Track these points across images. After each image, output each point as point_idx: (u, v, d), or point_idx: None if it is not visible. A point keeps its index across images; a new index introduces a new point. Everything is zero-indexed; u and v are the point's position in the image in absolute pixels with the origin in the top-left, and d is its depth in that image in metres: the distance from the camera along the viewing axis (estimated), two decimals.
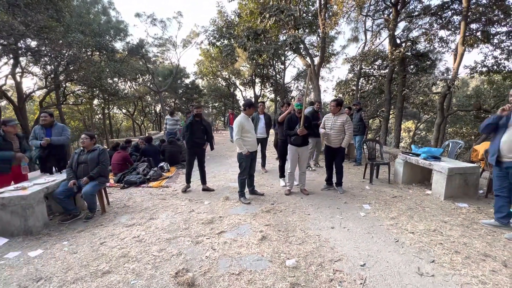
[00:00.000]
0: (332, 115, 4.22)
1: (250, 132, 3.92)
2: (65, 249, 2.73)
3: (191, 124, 4.44)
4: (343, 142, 4.12)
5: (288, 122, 4.10)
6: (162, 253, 2.58)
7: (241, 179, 3.99)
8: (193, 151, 4.53)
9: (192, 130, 4.42)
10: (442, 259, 2.39)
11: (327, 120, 4.29)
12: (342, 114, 4.17)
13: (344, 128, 4.09)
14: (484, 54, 10.71)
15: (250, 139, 3.92)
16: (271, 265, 2.33)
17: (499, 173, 2.85)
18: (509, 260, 2.34)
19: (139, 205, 4.00)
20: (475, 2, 9.87)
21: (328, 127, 4.23)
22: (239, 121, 3.82)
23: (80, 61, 10.94)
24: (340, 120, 4.12)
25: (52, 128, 4.15)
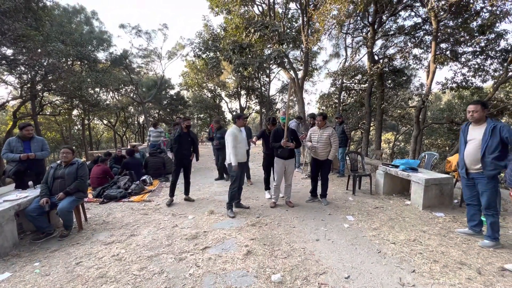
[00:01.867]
0: (318, 129, 4.33)
1: (241, 143, 3.97)
2: (36, 271, 2.55)
3: (179, 136, 4.50)
4: (330, 154, 4.23)
5: (274, 135, 4.15)
6: (143, 272, 2.47)
7: (232, 191, 3.96)
8: (180, 163, 4.57)
9: (180, 142, 4.48)
10: (422, 268, 2.46)
11: (314, 133, 4.38)
12: (327, 128, 4.31)
13: (330, 141, 4.21)
14: (453, 72, 11.54)
15: (241, 150, 3.97)
16: (257, 280, 2.29)
17: (467, 183, 2.99)
18: (483, 267, 2.46)
19: (119, 221, 3.83)
20: (444, 24, 10.72)
21: (314, 140, 4.31)
22: (233, 133, 3.85)
23: (60, 71, 10.59)
24: (326, 133, 4.24)
25: (31, 141, 3.97)
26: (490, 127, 2.65)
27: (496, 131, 2.61)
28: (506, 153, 2.64)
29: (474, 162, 2.80)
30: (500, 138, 2.59)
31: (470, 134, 2.87)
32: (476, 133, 2.79)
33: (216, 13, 14.30)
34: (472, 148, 2.82)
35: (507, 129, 2.56)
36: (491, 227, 2.79)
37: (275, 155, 4.18)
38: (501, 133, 2.57)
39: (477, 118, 2.77)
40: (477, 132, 2.79)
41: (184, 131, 4.56)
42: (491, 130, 2.64)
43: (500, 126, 2.61)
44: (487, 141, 2.65)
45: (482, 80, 11.04)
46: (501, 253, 2.71)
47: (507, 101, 10.31)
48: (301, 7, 12.74)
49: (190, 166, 4.79)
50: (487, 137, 2.65)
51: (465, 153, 2.90)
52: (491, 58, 10.26)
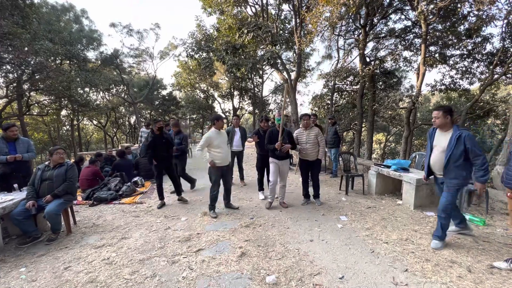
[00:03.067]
0: (304, 130, 4.29)
1: (220, 147, 3.87)
2: (22, 276, 2.46)
3: (153, 140, 4.34)
4: (319, 154, 4.24)
5: (270, 137, 4.11)
6: (135, 275, 2.41)
7: (211, 194, 3.96)
8: (160, 166, 4.44)
9: (155, 146, 4.33)
10: (414, 267, 2.49)
11: (300, 135, 4.31)
12: (313, 128, 4.32)
13: (318, 140, 4.23)
14: (442, 74, 11.83)
15: (219, 154, 3.87)
16: (251, 282, 2.27)
17: (439, 186, 2.99)
18: (473, 265, 2.51)
19: (110, 224, 3.74)
20: (432, 27, 10.97)
21: (302, 142, 4.27)
22: (207, 136, 3.84)
23: (48, 70, 10.32)
24: (313, 133, 4.25)
25: (16, 142, 3.85)
26: (456, 136, 2.57)
27: (461, 140, 2.54)
28: (469, 162, 2.60)
29: (440, 168, 2.78)
30: (464, 148, 2.54)
31: (436, 139, 2.83)
32: (442, 139, 2.74)
33: (209, 13, 14.26)
34: (437, 154, 2.78)
35: (471, 140, 2.52)
36: (441, 228, 2.80)
37: (270, 156, 4.15)
38: (465, 142, 2.52)
39: (439, 124, 2.73)
40: (442, 139, 2.74)
41: (157, 134, 4.37)
42: (456, 139, 2.56)
43: (465, 135, 2.54)
44: (452, 150, 2.58)
45: (469, 82, 11.36)
46: (489, 251, 2.77)
47: (493, 102, 10.61)
48: (294, 8, 12.83)
49: (170, 164, 4.62)
50: (452, 145, 2.59)
51: (431, 158, 2.86)
52: (478, 61, 10.56)
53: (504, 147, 5.01)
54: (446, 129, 2.73)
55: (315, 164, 4.30)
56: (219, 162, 3.88)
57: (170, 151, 4.55)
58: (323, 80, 14.74)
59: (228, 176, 4.18)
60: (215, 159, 3.85)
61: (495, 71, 9.13)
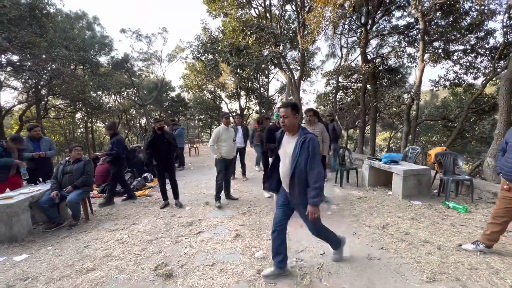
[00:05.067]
0: (309, 126, 4.21)
1: (226, 141, 4.25)
2: (50, 252, 2.90)
3: (153, 140, 4.25)
4: (324, 150, 4.24)
5: (269, 135, 3.82)
6: (144, 252, 2.82)
7: (217, 183, 4.26)
8: (161, 167, 4.37)
9: (155, 146, 4.24)
10: (390, 246, 2.78)
11: None
12: (317, 124, 4.31)
13: (322, 137, 4.21)
14: (446, 69, 11.81)
15: (224, 148, 4.24)
16: (242, 257, 2.63)
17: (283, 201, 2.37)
18: (444, 244, 2.77)
19: (122, 213, 4.19)
20: (435, 23, 11.00)
21: None
22: (216, 131, 4.25)
23: (64, 76, 11.00)
24: (318, 129, 4.20)
25: (39, 141, 4.34)
26: (301, 140, 2.07)
27: (305, 145, 2.05)
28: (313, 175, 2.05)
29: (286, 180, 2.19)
30: (308, 155, 2.04)
31: (283, 145, 2.26)
32: (288, 145, 2.18)
33: (214, 16, 14.70)
34: (283, 163, 2.22)
35: (312, 144, 2.04)
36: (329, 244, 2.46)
37: (269, 156, 3.95)
38: (309, 148, 2.04)
39: (288, 124, 2.14)
40: (289, 144, 2.17)
41: (158, 134, 4.27)
42: (300, 144, 2.06)
43: (308, 139, 2.05)
44: (297, 158, 2.05)
45: (474, 77, 11.30)
46: (463, 233, 3.02)
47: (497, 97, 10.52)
48: (297, 8, 13.09)
49: (173, 167, 4.57)
50: (296, 152, 2.06)
51: (280, 168, 2.26)
52: (481, 55, 10.52)
53: (494, 139, 5.14)
54: (294, 132, 2.18)
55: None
56: (224, 155, 4.24)
57: (172, 153, 4.49)
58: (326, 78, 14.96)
59: (229, 169, 4.51)
60: (221, 152, 4.20)
61: (498, 65, 9.11)
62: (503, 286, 2.08)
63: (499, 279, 2.15)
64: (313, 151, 2.04)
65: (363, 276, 2.29)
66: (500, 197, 2.47)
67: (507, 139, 2.44)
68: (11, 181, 3.95)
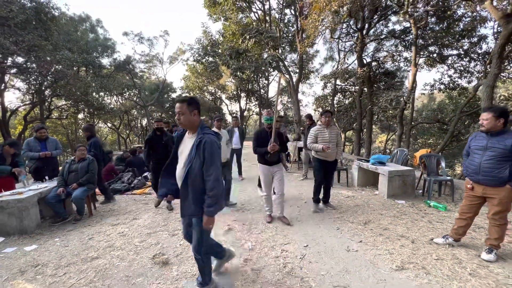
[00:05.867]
0: (325, 128, 3.96)
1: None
2: (57, 244, 3.17)
3: (150, 140, 4.22)
4: (338, 154, 4.04)
5: (257, 138, 3.56)
6: (143, 243, 3.08)
7: None
8: (157, 168, 4.25)
9: (152, 147, 4.22)
10: (368, 239, 3.03)
11: (322, 133, 3.92)
12: (333, 127, 4.05)
13: (337, 141, 4.00)
14: (441, 73, 12.06)
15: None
16: (232, 247, 2.88)
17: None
18: (418, 238, 3.02)
19: (124, 209, 4.45)
20: (430, 28, 11.26)
21: (326, 140, 3.87)
22: None
23: (68, 78, 11.32)
24: (334, 131, 4.00)
25: (46, 141, 4.62)
26: (196, 141, 1.83)
27: (200, 148, 1.80)
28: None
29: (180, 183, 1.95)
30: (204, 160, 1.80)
31: (181, 145, 2.02)
32: (186, 145, 1.95)
33: (215, 20, 15.01)
34: (179, 165, 1.96)
35: (209, 147, 1.80)
36: (200, 272, 2.11)
37: (258, 161, 3.67)
38: (204, 152, 1.79)
39: (183, 122, 1.89)
40: (187, 144, 1.93)
41: (157, 134, 4.24)
42: (196, 146, 1.82)
43: (204, 141, 1.80)
44: (192, 161, 1.81)
45: (468, 81, 11.57)
46: (438, 229, 3.27)
47: None
48: (295, 13, 13.39)
49: None
50: (192, 155, 1.82)
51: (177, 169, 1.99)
52: (474, 60, 10.77)
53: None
54: (193, 131, 1.95)
55: (333, 165, 4.06)
56: None
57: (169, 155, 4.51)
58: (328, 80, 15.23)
59: (226, 173, 4.25)
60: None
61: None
62: (463, 273, 2.32)
63: (460, 268, 2.40)
64: (210, 156, 1.79)
65: (340, 265, 2.54)
66: (465, 196, 2.72)
67: (470, 144, 2.70)
68: (3, 182, 4.14)
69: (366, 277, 2.33)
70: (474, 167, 2.55)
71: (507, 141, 2.38)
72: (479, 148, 2.55)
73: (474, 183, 2.60)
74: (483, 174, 2.50)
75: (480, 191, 2.56)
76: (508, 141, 2.38)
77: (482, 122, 2.51)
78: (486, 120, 2.46)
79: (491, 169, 2.45)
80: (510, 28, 4.50)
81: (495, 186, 2.46)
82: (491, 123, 2.46)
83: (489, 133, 2.50)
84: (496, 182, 2.45)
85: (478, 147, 2.57)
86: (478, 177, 2.54)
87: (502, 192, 2.44)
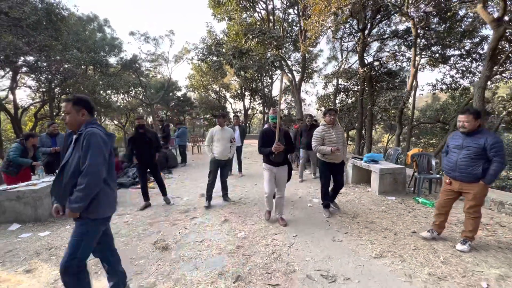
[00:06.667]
0: (331, 128, 3.69)
1: (219, 141, 4.19)
2: (68, 230, 3.47)
3: (133, 139, 4.18)
4: (344, 155, 3.82)
5: (263, 137, 3.43)
6: (145, 231, 3.36)
7: (208, 182, 4.25)
8: (143, 168, 4.30)
9: (135, 144, 4.18)
10: (354, 231, 3.25)
11: (328, 133, 3.65)
12: (338, 125, 3.84)
13: (343, 140, 3.77)
14: (443, 74, 12.10)
15: (217, 148, 4.19)
16: (227, 236, 3.14)
17: None
18: (401, 231, 3.22)
19: (129, 201, 4.75)
20: (433, 29, 11.31)
21: (333, 141, 3.61)
22: (210, 131, 4.33)
23: (77, 76, 11.72)
24: (340, 131, 3.78)
25: (57, 137, 4.93)
26: (76, 136, 1.72)
27: (80, 140, 1.68)
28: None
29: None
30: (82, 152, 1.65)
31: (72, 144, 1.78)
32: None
33: (219, 19, 15.25)
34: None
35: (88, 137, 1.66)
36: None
37: (263, 161, 3.54)
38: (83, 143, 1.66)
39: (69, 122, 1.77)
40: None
41: (140, 132, 4.15)
42: (75, 140, 1.71)
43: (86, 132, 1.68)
44: (68, 158, 1.70)
45: (470, 81, 11.57)
46: (421, 223, 3.46)
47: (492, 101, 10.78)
48: (299, 13, 13.54)
49: (157, 168, 4.44)
50: (70, 151, 1.72)
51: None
52: (476, 60, 10.78)
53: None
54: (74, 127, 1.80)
55: (340, 166, 3.80)
56: (217, 155, 4.19)
57: (153, 152, 4.29)
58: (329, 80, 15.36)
59: (225, 170, 4.40)
60: (214, 152, 4.20)
61: None
62: (435, 261, 2.53)
63: (434, 257, 2.61)
64: (87, 146, 1.64)
65: (325, 252, 2.77)
66: (442, 190, 2.92)
67: (448, 143, 2.89)
68: (21, 174, 4.39)
69: (346, 263, 2.56)
70: (452, 165, 2.75)
71: (481, 140, 2.57)
72: (456, 146, 2.74)
73: (451, 179, 2.79)
74: (459, 171, 2.69)
75: (457, 186, 2.75)
76: (481, 140, 2.56)
77: (463, 124, 2.66)
78: (467, 122, 2.63)
79: (466, 167, 2.64)
80: (500, 31, 4.65)
81: (470, 182, 2.65)
82: (471, 124, 2.63)
83: (465, 133, 2.68)
84: (470, 178, 2.64)
85: (455, 145, 2.76)
86: (455, 174, 2.73)
87: (476, 188, 2.63)
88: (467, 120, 2.64)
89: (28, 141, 4.36)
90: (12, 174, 4.34)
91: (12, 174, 4.35)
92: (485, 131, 2.64)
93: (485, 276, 2.29)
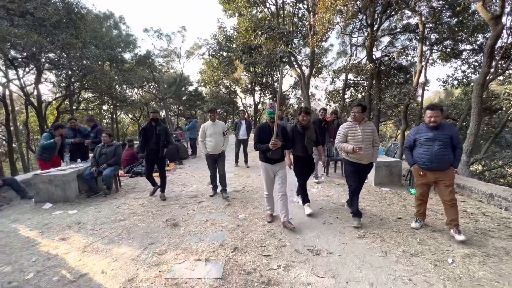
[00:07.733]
0: (357, 124, 3.35)
1: (211, 136, 4.26)
2: (92, 210, 4.00)
3: (145, 129, 4.36)
4: (373, 156, 3.38)
5: (259, 133, 3.30)
6: (158, 212, 3.83)
7: (210, 175, 4.55)
8: (149, 158, 4.44)
9: (144, 136, 4.34)
10: (344, 216, 3.58)
11: (352, 130, 3.34)
12: (368, 122, 3.40)
13: (373, 139, 3.35)
14: (454, 68, 11.92)
15: (209, 143, 4.27)
16: (229, 217, 3.56)
17: None
18: (387, 217, 3.52)
19: (144, 187, 5.26)
20: (445, 22, 11.15)
21: (358, 139, 3.28)
22: (202, 126, 4.37)
23: (95, 72, 12.42)
24: (369, 129, 3.35)
25: (78, 130, 5.48)
26: None
27: None
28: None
29: None
30: None
31: None
32: None
33: (229, 15, 15.53)
34: None
35: None
36: None
37: (259, 158, 3.42)
38: None
39: None
40: None
41: (152, 124, 4.35)
42: None
43: None
44: None
45: None
46: (408, 211, 3.74)
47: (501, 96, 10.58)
48: (308, 8, 13.60)
49: (164, 163, 4.57)
50: None
51: None
52: None
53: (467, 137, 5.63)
54: None
55: (366, 169, 3.42)
56: (210, 150, 4.27)
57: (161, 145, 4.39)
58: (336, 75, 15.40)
59: (220, 163, 4.36)
60: (207, 147, 4.29)
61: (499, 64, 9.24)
62: (412, 242, 2.83)
63: (412, 238, 2.91)
64: None
65: (314, 232, 3.12)
66: (418, 185, 3.17)
67: (416, 138, 3.08)
68: (54, 160, 5.05)
69: (332, 241, 2.91)
70: (428, 157, 2.97)
71: (446, 131, 2.91)
72: (427, 140, 2.97)
73: (427, 171, 3.03)
74: (438, 161, 2.93)
75: (433, 177, 3.00)
76: (447, 131, 2.91)
77: (433, 119, 2.91)
78: (438, 117, 2.89)
79: (443, 155, 2.88)
80: (498, 29, 4.70)
81: (445, 170, 2.92)
82: (440, 118, 2.93)
83: (435, 127, 2.93)
84: (446, 165, 2.91)
85: (426, 139, 2.98)
86: (432, 165, 2.97)
87: (450, 173, 2.92)
88: (437, 115, 2.91)
89: (57, 131, 4.92)
90: (46, 159, 4.94)
91: (47, 160, 4.95)
92: (443, 124, 2.96)
93: (453, 254, 2.58)
